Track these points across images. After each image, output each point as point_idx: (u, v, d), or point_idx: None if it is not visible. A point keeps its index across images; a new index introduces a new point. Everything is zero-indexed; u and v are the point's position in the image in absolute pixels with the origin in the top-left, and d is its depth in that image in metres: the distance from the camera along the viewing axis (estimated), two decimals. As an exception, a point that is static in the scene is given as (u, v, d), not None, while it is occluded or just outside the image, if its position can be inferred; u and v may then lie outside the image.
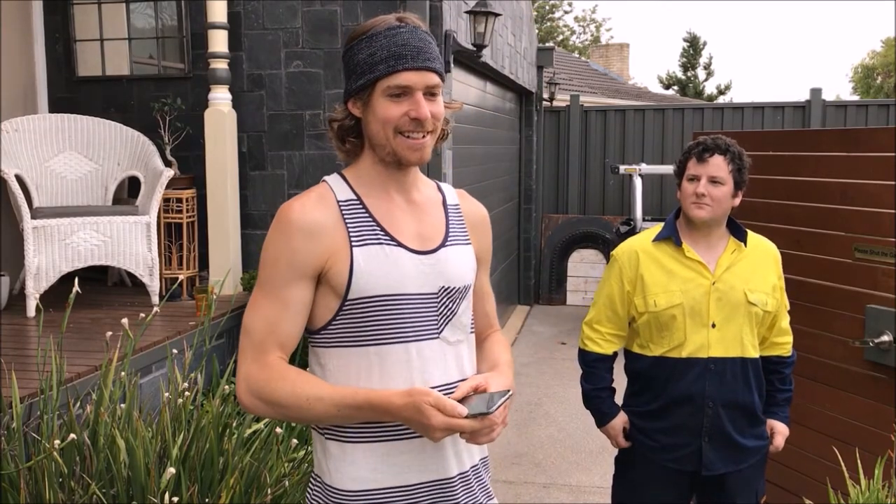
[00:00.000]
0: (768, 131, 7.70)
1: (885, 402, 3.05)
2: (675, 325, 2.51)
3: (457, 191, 1.70)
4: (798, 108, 9.84)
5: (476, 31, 5.67)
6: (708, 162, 2.47)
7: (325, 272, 1.48)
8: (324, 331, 1.52)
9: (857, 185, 3.15)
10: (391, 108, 1.46)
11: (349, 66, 1.52)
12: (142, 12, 5.25)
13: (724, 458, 2.54)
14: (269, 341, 1.48)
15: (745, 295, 2.50)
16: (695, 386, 2.50)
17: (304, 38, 4.96)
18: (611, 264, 2.68)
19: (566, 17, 40.41)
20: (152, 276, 4.31)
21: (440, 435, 1.39)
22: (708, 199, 2.46)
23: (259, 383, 1.46)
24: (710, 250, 2.55)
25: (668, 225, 2.60)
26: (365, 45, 1.48)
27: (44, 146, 4.64)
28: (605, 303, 2.66)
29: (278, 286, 1.48)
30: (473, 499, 1.59)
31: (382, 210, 1.53)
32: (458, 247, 1.60)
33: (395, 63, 1.45)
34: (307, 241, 1.46)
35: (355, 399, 1.44)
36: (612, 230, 9.67)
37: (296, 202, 1.50)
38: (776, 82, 56.02)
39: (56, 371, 2.66)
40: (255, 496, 2.62)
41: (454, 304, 1.56)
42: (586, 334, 2.73)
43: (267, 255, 1.50)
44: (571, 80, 14.39)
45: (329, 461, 1.53)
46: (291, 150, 5.04)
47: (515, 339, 8.33)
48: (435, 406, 1.37)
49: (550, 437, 5.44)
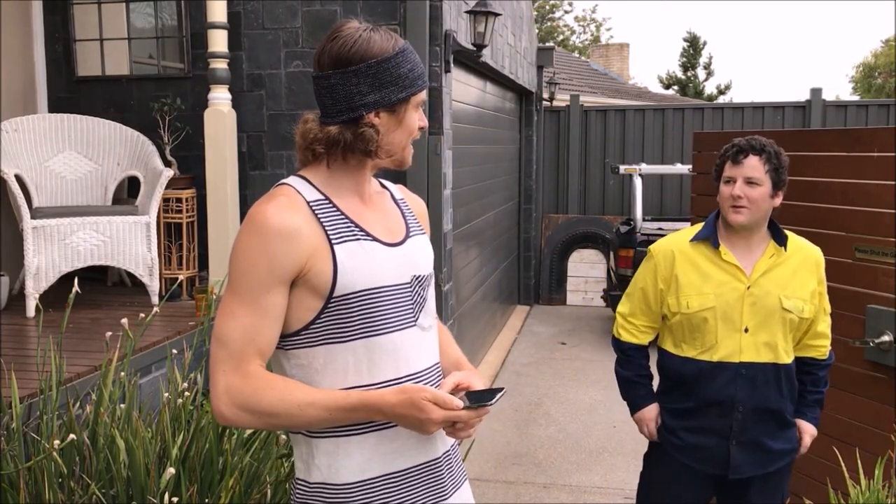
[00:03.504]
0: (768, 131, 7.70)
1: (885, 402, 3.04)
2: (707, 329, 2.48)
3: (398, 186, 1.77)
4: (798, 108, 9.84)
5: (476, 30, 5.67)
6: (743, 163, 2.44)
7: (303, 274, 1.48)
8: (304, 331, 1.52)
9: (858, 185, 3.14)
10: (415, 120, 1.59)
11: (386, 78, 1.52)
12: (141, 12, 5.25)
13: (752, 461, 2.52)
14: (249, 350, 1.47)
15: (781, 301, 2.46)
16: (725, 390, 2.48)
17: (303, 38, 4.96)
18: (647, 260, 2.66)
19: (566, 17, 40.37)
20: (152, 276, 4.31)
21: (435, 429, 1.46)
22: (745, 202, 2.43)
23: (244, 394, 1.45)
24: (748, 253, 2.51)
25: (709, 225, 2.57)
26: (403, 60, 1.53)
27: (43, 146, 4.64)
28: (639, 297, 2.66)
29: (257, 294, 1.46)
30: (454, 477, 1.67)
31: (352, 207, 1.57)
32: (419, 237, 1.68)
33: (425, 79, 1.59)
34: (286, 245, 1.46)
35: (347, 401, 1.46)
36: (612, 230, 9.67)
37: (268, 206, 1.48)
38: (776, 82, 56.02)
39: (56, 371, 2.66)
40: (254, 496, 2.62)
41: (424, 292, 1.64)
42: (620, 324, 2.72)
43: (242, 263, 1.48)
44: (571, 80, 14.39)
45: (321, 459, 1.54)
46: (291, 150, 5.03)
47: (515, 339, 8.33)
48: (432, 401, 1.43)
49: (550, 437, 5.43)
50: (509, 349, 7.86)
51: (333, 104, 1.53)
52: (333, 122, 1.53)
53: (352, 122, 1.53)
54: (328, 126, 1.54)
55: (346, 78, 1.51)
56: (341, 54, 1.51)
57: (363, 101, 1.52)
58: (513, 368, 7.20)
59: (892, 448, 2.82)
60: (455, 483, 1.67)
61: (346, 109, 1.53)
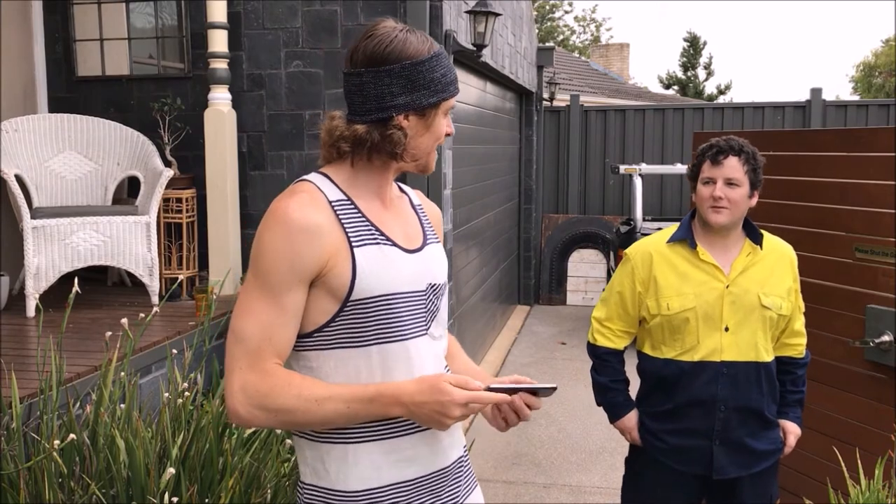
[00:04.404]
0: (768, 131, 7.70)
1: (885, 402, 3.05)
2: (688, 329, 2.49)
3: (416, 191, 1.74)
4: (798, 108, 9.84)
5: (476, 30, 5.67)
6: (723, 164, 2.44)
7: (323, 274, 1.45)
8: (317, 333, 1.49)
9: (857, 185, 3.14)
10: (443, 125, 1.57)
11: (420, 81, 1.49)
12: (141, 12, 5.24)
13: (736, 462, 2.52)
14: (267, 348, 1.44)
15: (760, 298, 2.48)
16: (707, 389, 2.48)
17: (303, 38, 4.96)
18: (624, 263, 2.64)
19: (566, 17, 40.43)
20: (152, 276, 4.31)
21: (457, 412, 1.41)
22: (725, 202, 2.43)
23: (260, 393, 1.42)
24: (725, 253, 2.52)
25: (684, 226, 2.57)
26: (437, 64, 1.51)
27: (43, 146, 4.64)
28: (616, 301, 2.64)
29: (278, 290, 1.43)
30: (465, 485, 1.65)
31: (373, 210, 1.54)
32: (436, 244, 1.66)
33: (457, 85, 1.57)
34: (309, 242, 1.43)
35: (366, 392, 1.43)
36: (612, 230, 9.67)
37: (290, 201, 1.45)
38: (776, 82, 56.03)
39: (56, 371, 2.66)
40: (254, 496, 2.62)
41: (438, 301, 1.62)
42: (596, 328, 2.70)
43: (265, 257, 1.44)
44: (571, 80, 14.39)
45: (330, 464, 1.51)
46: (291, 150, 5.03)
47: (515, 339, 8.33)
48: (454, 384, 1.42)
49: (550, 437, 5.43)
50: (509, 349, 7.86)
51: (363, 102, 1.50)
52: (361, 121, 1.50)
53: (380, 122, 1.50)
54: (355, 124, 1.50)
55: (378, 77, 1.48)
56: (376, 53, 1.48)
57: (394, 102, 1.49)
58: (513, 368, 7.19)
59: (892, 448, 2.82)
60: (466, 490, 1.65)
61: (376, 109, 1.49)
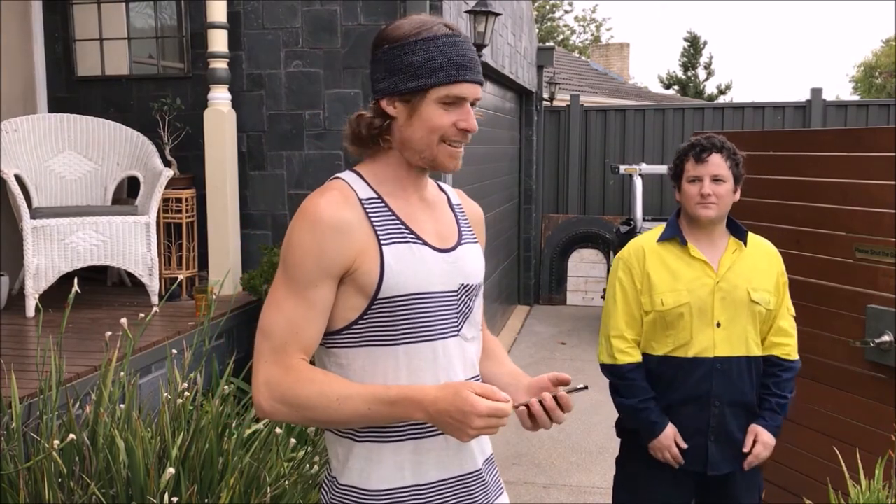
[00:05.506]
0: (769, 131, 7.70)
1: (885, 402, 3.04)
2: (682, 325, 2.50)
3: (456, 191, 1.71)
4: (798, 108, 9.85)
5: (476, 30, 5.67)
6: (707, 161, 2.49)
7: (351, 272, 1.44)
8: (346, 331, 1.48)
9: (858, 185, 3.14)
10: (443, 117, 1.47)
11: (396, 65, 1.46)
12: (141, 12, 5.24)
13: (730, 457, 2.54)
14: (292, 343, 1.43)
15: (749, 294, 2.51)
16: (702, 385, 2.50)
17: (303, 38, 4.96)
18: (617, 266, 2.64)
19: (566, 17, 40.42)
20: (152, 276, 4.31)
21: (479, 423, 1.33)
22: (713, 198, 2.47)
23: (283, 387, 1.41)
24: (712, 250, 2.55)
25: (672, 225, 2.60)
26: (421, 48, 1.45)
27: (43, 146, 4.64)
28: (623, 308, 2.58)
29: (304, 286, 1.43)
30: (489, 491, 1.61)
31: (404, 209, 1.52)
32: (471, 245, 1.61)
33: (457, 73, 1.46)
34: (338, 239, 1.42)
35: (388, 394, 1.40)
36: (612, 230, 9.67)
37: (320, 199, 1.45)
38: (776, 82, 56.03)
39: (55, 371, 2.66)
40: (254, 496, 2.62)
41: (471, 302, 1.58)
42: (616, 347, 2.56)
43: (293, 253, 1.44)
44: (571, 80, 14.39)
45: (354, 462, 1.51)
46: (291, 150, 5.03)
47: (515, 339, 8.32)
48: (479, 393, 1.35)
49: (550, 437, 5.43)
50: (509, 349, 7.86)
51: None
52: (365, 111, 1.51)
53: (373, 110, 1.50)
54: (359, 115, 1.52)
55: (373, 63, 1.51)
56: (375, 39, 1.51)
57: (377, 86, 1.49)
58: (513, 368, 7.19)
59: (892, 448, 2.82)
60: (495, 494, 1.63)
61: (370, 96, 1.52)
